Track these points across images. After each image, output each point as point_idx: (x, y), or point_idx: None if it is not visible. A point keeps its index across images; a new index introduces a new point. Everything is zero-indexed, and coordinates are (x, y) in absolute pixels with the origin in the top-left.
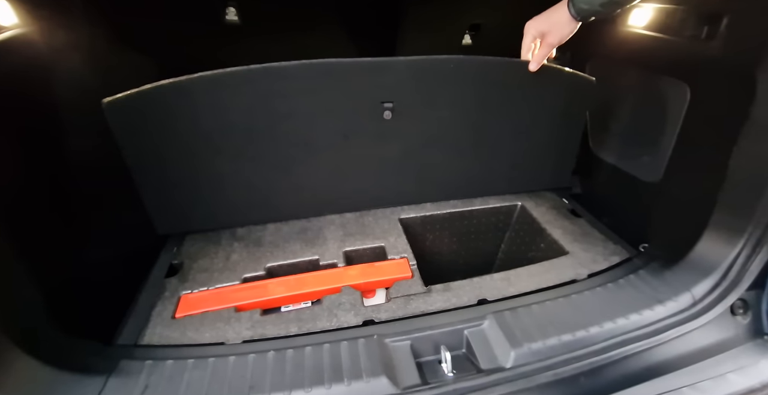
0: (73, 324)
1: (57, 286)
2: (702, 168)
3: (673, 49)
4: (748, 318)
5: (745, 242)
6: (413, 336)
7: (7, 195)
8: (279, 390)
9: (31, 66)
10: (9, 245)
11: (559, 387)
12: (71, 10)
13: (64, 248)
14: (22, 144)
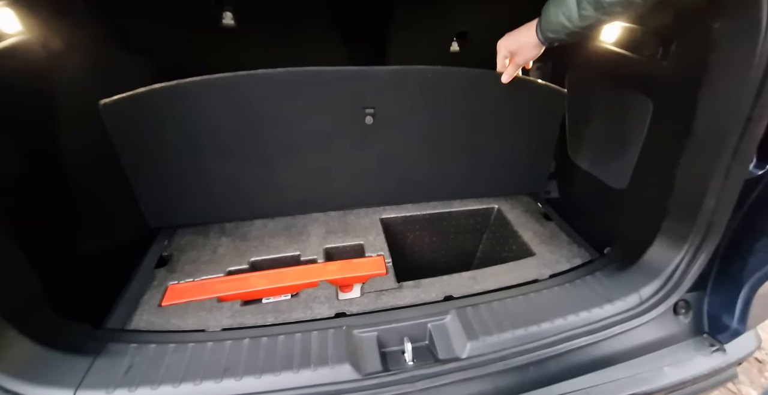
0: (66, 307)
1: (52, 272)
2: (658, 178)
3: (638, 66)
4: (689, 318)
5: (688, 248)
6: (380, 328)
7: (10, 188)
8: (251, 374)
9: (33, 69)
10: (7, 233)
11: (509, 375)
12: (72, 16)
13: (60, 238)
14: (25, 141)
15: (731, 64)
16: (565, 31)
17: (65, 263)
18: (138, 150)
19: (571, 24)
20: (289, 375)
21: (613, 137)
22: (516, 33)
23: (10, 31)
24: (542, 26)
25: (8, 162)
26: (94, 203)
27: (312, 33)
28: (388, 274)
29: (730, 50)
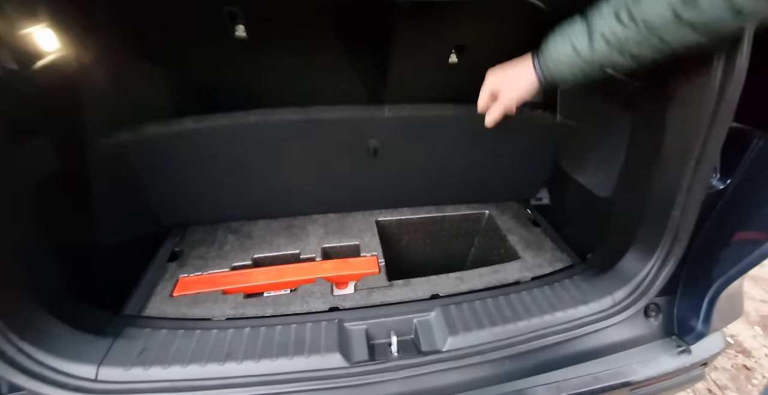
0: (89, 296)
1: (77, 265)
2: (635, 189)
3: (620, 84)
4: (660, 320)
5: (658, 256)
6: (369, 322)
7: (45, 188)
8: (250, 359)
9: (68, 82)
10: (43, 230)
11: (486, 367)
12: (100, 33)
13: (84, 234)
14: (60, 145)
15: (690, 94)
16: (571, 65)
17: (88, 257)
18: (156, 166)
19: (579, 56)
20: (284, 360)
21: (600, 148)
22: (509, 66)
23: (50, 49)
24: (542, 57)
25: (45, 165)
26: (113, 203)
27: (319, 43)
28: (381, 273)
29: (689, 82)
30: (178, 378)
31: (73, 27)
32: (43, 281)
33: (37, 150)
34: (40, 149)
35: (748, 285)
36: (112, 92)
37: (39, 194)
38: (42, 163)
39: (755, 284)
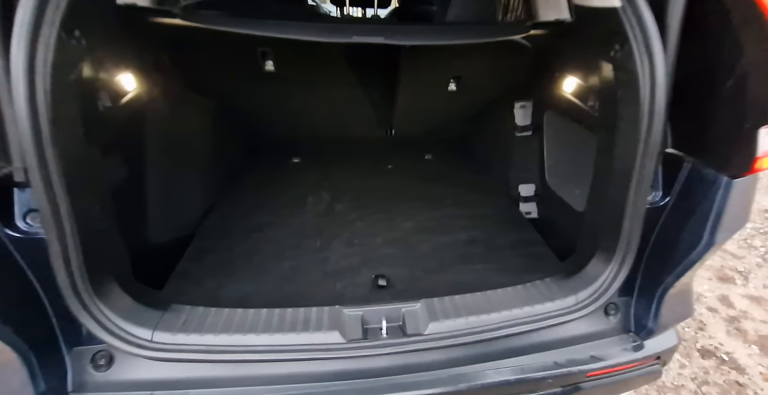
0: (146, 278)
1: (136, 253)
2: (598, 204)
3: (586, 111)
4: (618, 318)
5: (615, 261)
6: (365, 309)
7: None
8: (266, 332)
9: (141, 112)
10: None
11: (460, 349)
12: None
13: (140, 231)
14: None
15: (627, 127)
16: None
17: (142, 248)
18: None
19: None
20: (293, 335)
21: (576, 167)
22: None
23: (130, 88)
24: None
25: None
26: (159, 209)
27: (334, 77)
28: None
29: (626, 118)
30: (211, 344)
31: (147, 72)
32: (118, 265)
33: (115, 164)
34: (117, 163)
35: (750, 305)
36: (168, 118)
37: (114, 198)
38: (118, 174)
39: (757, 304)
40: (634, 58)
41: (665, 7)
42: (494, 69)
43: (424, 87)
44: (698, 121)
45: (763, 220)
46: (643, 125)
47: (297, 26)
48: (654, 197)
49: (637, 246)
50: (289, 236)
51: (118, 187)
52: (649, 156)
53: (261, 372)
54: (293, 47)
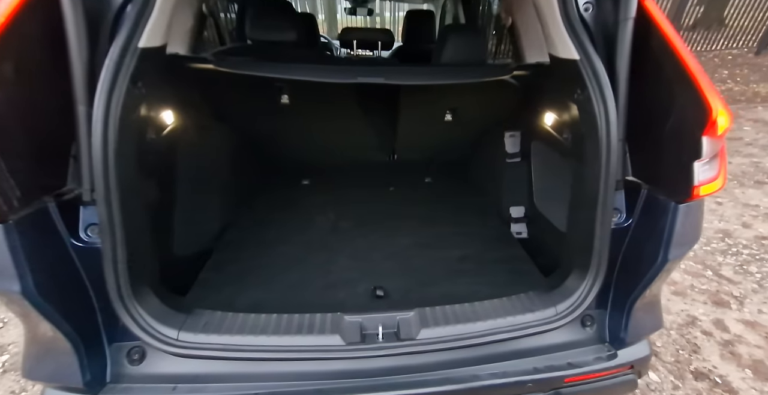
0: (172, 285)
1: (164, 264)
2: (575, 224)
3: (562, 142)
4: (594, 329)
5: (589, 276)
6: (363, 317)
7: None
8: (275, 334)
9: (175, 140)
10: (151, 242)
11: (447, 353)
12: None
13: (169, 244)
14: (162, 184)
15: (590, 158)
16: None
17: (170, 259)
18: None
19: None
20: (299, 337)
21: (559, 191)
22: None
23: (169, 122)
24: None
25: (156, 196)
26: (184, 225)
27: (342, 109)
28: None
29: (588, 145)
30: (227, 343)
31: (183, 107)
32: (151, 273)
33: (152, 186)
34: (154, 185)
35: (744, 330)
36: (196, 146)
37: (150, 215)
38: (154, 194)
39: (752, 329)
40: (592, 102)
41: (614, 62)
42: (485, 103)
43: (423, 118)
44: (650, 154)
45: (759, 246)
46: (603, 158)
47: (309, 69)
48: (619, 218)
49: (606, 263)
50: (298, 250)
51: (153, 205)
52: (609, 184)
53: (270, 369)
54: (306, 84)
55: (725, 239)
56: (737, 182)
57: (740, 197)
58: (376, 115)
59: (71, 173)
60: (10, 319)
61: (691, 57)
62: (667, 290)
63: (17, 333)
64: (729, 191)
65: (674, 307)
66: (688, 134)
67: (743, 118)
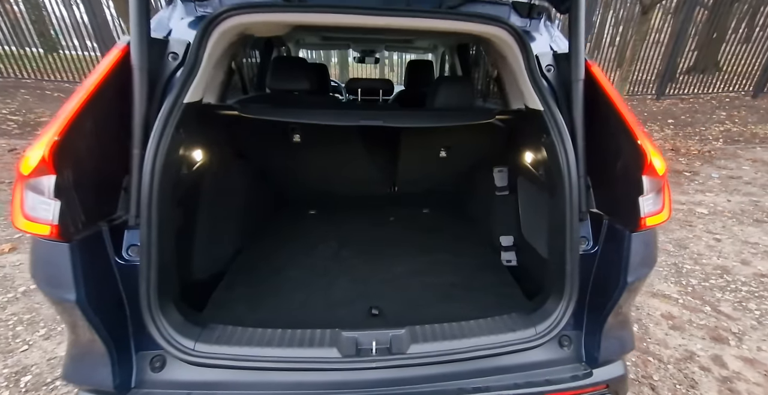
0: (190, 302)
1: (186, 284)
2: (554, 251)
3: (539, 178)
4: (571, 349)
5: (565, 299)
6: (359, 333)
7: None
8: (279, 346)
9: (203, 176)
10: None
11: (436, 367)
12: (220, 146)
13: (189, 268)
14: (187, 212)
15: (558, 190)
16: None
17: (189, 279)
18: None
19: None
20: (300, 350)
21: (542, 222)
22: None
23: (198, 159)
24: None
25: (180, 224)
26: (202, 249)
27: (347, 146)
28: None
29: (556, 182)
30: (237, 354)
31: (209, 146)
32: (174, 290)
33: (180, 214)
34: (181, 213)
35: (743, 367)
36: (217, 179)
37: (177, 240)
38: (180, 221)
39: (750, 366)
40: (555, 145)
41: (573, 114)
42: (476, 141)
43: (420, 155)
44: (607, 190)
45: (758, 284)
46: (567, 192)
47: (319, 113)
48: (587, 245)
49: (578, 286)
50: (302, 274)
51: (180, 231)
52: (574, 214)
53: (275, 379)
54: (316, 125)
55: (724, 276)
56: (736, 220)
57: (739, 235)
58: (378, 152)
59: (121, 202)
60: (35, 342)
61: (629, 112)
62: (665, 324)
63: (39, 355)
64: (728, 229)
65: (672, 342)
66: (631, 175)
67: (742, 158)
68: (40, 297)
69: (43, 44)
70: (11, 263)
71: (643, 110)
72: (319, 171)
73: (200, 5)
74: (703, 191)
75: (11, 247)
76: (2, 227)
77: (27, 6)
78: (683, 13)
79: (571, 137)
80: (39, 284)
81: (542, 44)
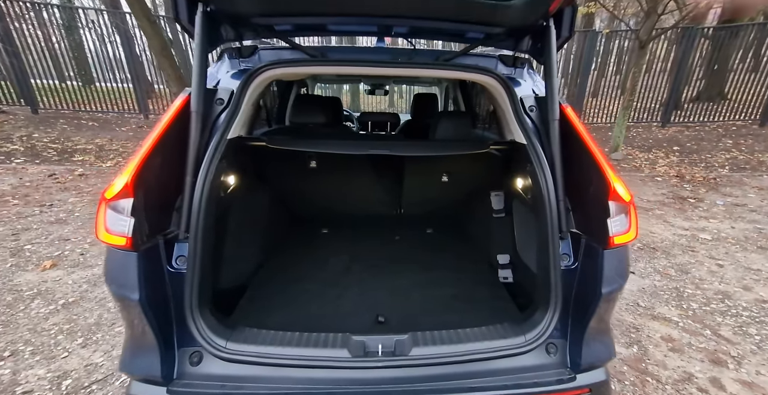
0: (221, 307)
1: (217, 292)
2: (541, 266)
3: (528, 202)
4: (557, 355)
5: (550, 309)
6: (367, 337)
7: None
8: (297, 346)
9: (232, 196)
10: (212, 273)
11: (434, 368)
12: (247, 174)
13: (219, 279)
14: (218, 229)
15: (540, 212)
16: None
17: (219, 289)
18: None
19: None
20: (315, 350)
21: (533, 241)
22: None
23: (231, 183)
24: None
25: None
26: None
27: (358, 173)
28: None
29: (539, 206)
30: (262, 352)
31: (239, 172)
32: (210, 296)
33: (217, 232)
34: (216, 230)
35: (741, 390)
36: (243, 201)
37: (213, 254)
38: (216, 238)
39: (749, 389)
40: (536, 173)
41: (551, 147)
42: (474, 168)
43: (424, 179)
44: (583, 212)
45: (759, 309)
46: (548, 214)
47: (335, 144)
48: (568, 262)
49: (561, 298)
50: (316, 286)
51: (214, 246)
52: (555, 235)
53: (293, 374)
54: (330, 153)
55: (725, 301)
56: (740, 246)
57: (742, 261)
58: (385, 177)
59: (174, 219)
60: (74, 349)
61: (596, 147)
62: (665, 346)
63: (78, 361)
64: (731, 255)
65: (671, 363)
66: (600, 200)
67: (748, 185)
68: (78, 309)
69: (81, 78)
70: (52, 278)
71: (648, 137)
72: (332, 194)
73: (243, 61)
74: (707, 218)
75: (52, 263)
76: (44, 246)
77: (71, 44)
78: (682, 45)
79: (550, 166)
80: (110, 285)
81: (526, 88)
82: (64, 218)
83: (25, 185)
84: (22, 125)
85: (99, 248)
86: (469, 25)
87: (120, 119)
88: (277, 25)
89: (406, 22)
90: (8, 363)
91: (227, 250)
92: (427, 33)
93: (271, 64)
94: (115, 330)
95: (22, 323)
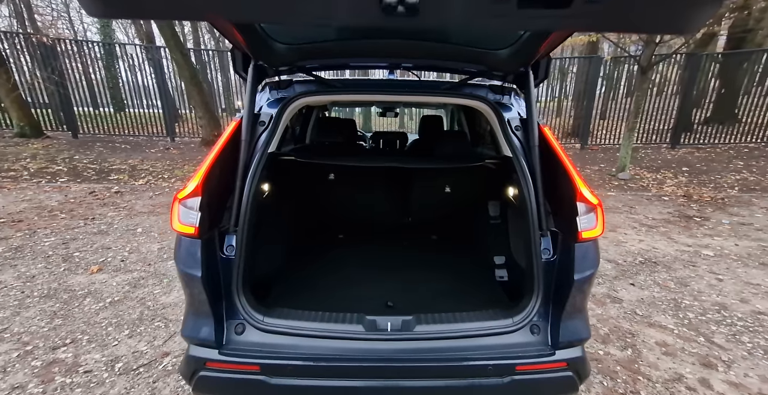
0: (257, 295)
1: (254, 277)
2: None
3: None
4: (540, 335)
5: (533, 295)
6: (378, 317)
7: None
8: (323, 321)
9: (265, 203)
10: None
11: (435, 342)
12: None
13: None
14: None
15: (525, 215)
16: None
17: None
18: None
19: None
20: (335, 324)
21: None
22: None
23: (266, 190)
24: None
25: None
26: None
27: (372, 184)
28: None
29: (523, 210)
30: (292, 326)
31: (270, 183)
32: (250, 280)
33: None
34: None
35: (729, 389)
36: (273, 208)
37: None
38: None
39: (736, 389)
40: (521, 182)
41: (532, 162)
42: (474, 180)
43: (430, 190)
44: (559, 214)
45: (754, 320)
46: (530, 215)
47: (351, 158)
48: (549, 255)
49: (543, 286)
50: (334, 281)
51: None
52: (536, 232)
53: (317, 344)
54: (347, 166)
55: (721, 312)
56: (742, 262)
57: (742, 276)
58: (395, 189)
59: (226, 216)
60: (122, 339)
61: (569, 162)
62: (659, 350)
63: (126, 349)
64: (732, 270)
65: (663, 365)
66: (570, 201)
67: (756, 205)
68: (123, 306)
69: (114, 105)
70: (99, 280)
71: (657, 158)
72: (348, 203)
73: (280, 91)
74: (711, 235)
75: (98, 268)
76: (90, 253)
77: (108, 76)
78: (688, 70)
79: (531, 176)
80: (179, 265)
81: (513, 112)
82: (105, 230)
83: (69, 201)
84: (64, 148)
85: (136, 255)
86: (465, 63)
87: (149, 141)
88: (308, 64)
89: (414, 61)
90: (70, 348)
91: (264, 244)
92: (430, 68)
93: (303, 93)
94: (155, 324)
95: (78, 317)
